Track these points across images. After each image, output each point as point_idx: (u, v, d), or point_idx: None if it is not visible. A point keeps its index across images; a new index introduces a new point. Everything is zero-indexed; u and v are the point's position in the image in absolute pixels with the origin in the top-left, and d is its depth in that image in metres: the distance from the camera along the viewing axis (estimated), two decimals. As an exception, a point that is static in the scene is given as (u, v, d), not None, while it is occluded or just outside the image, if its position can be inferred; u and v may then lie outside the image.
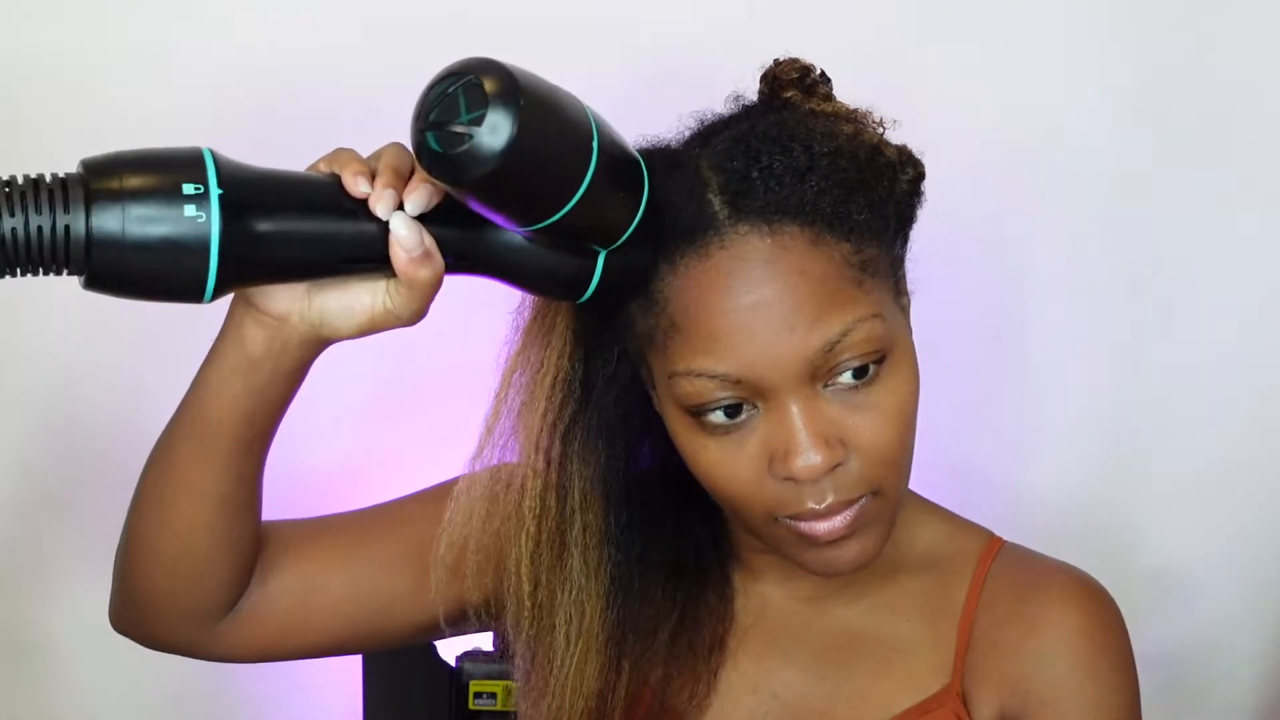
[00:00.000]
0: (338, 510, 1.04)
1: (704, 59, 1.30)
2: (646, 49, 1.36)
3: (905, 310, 0.93)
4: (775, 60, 0.95)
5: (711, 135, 0.91)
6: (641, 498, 0.97)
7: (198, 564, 0.92)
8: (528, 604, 0.95)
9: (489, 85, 0.75)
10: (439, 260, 0.81)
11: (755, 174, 0.87)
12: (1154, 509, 1.47)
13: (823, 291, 0.86)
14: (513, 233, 0.83)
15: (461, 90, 0.75)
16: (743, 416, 0.87)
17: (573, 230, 0.82)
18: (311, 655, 1.02)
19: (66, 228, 0.73)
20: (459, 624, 1.01)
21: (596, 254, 0.85)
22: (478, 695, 1.33)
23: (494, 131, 0.74)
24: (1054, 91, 1.41)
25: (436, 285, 0.82)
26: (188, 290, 0.76)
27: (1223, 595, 1.47)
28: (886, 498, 0.90)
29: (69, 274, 0.75)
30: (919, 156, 0.94)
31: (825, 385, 0.87)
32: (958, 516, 1.02)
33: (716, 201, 0.87)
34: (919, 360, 0.92)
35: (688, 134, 0.93)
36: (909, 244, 0.95)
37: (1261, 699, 1.48)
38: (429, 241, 0.80)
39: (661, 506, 0.98)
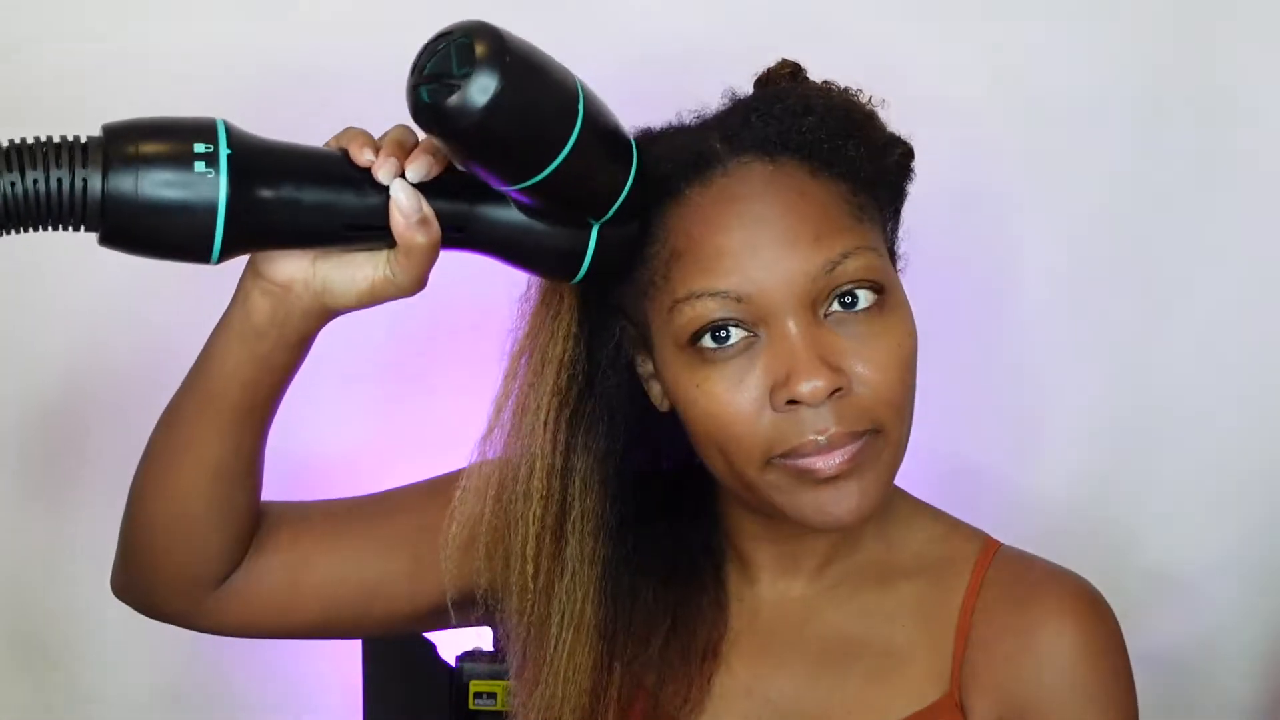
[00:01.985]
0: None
1: (698, 54, 1.31)
2: (639, 46, 1.36)
3: (898, 274, 0.95)
4: (768, 68, 0.98)
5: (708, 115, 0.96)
6: (636, 496, 0.97)
7: (193, 529, 0.95)
8: (530, 587, 0.95)
9: (479, 45, 0.80)
10: (435, 228, 0.85)
11: (753, 117, 0.92)
12: (1154, 509, 1.47)
13: (823, 215, 0.89)
14: (508, 210, 0.87)
15: (454, 48, 0.81)
16: (743, 346, 0.88)
17: (561, 193, 0.86)
18: (301, 634, 1.04)
19: (84, 182, 0.78)
20: (463, 611, 1.01)
21: (589, 228, 0.88)
22: (478, 695, 1.33)
23: (480, 86, 0.79)
24: (1054, 90, 1.41)
25: (433, 253, 0.85)
26: (196, 249, 0.81)
27: (1222, 595, 1.47)
28: (888, 439, 0.90)
29: (86, 229, 0.79)
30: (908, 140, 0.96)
31: (825, 314, 0.88)
32: (953, 518, 1.02)
33: (716, 139, 0.91)
34: (919, 362, 0.93)
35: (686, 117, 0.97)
36: (900, 224, 0.97)
37: (1261, 699, 1.48)
38: (427, 209, 0.84)
39: (655, 511, 0.99)
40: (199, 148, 0.79)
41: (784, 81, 0.97)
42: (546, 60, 0.83)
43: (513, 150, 0.83)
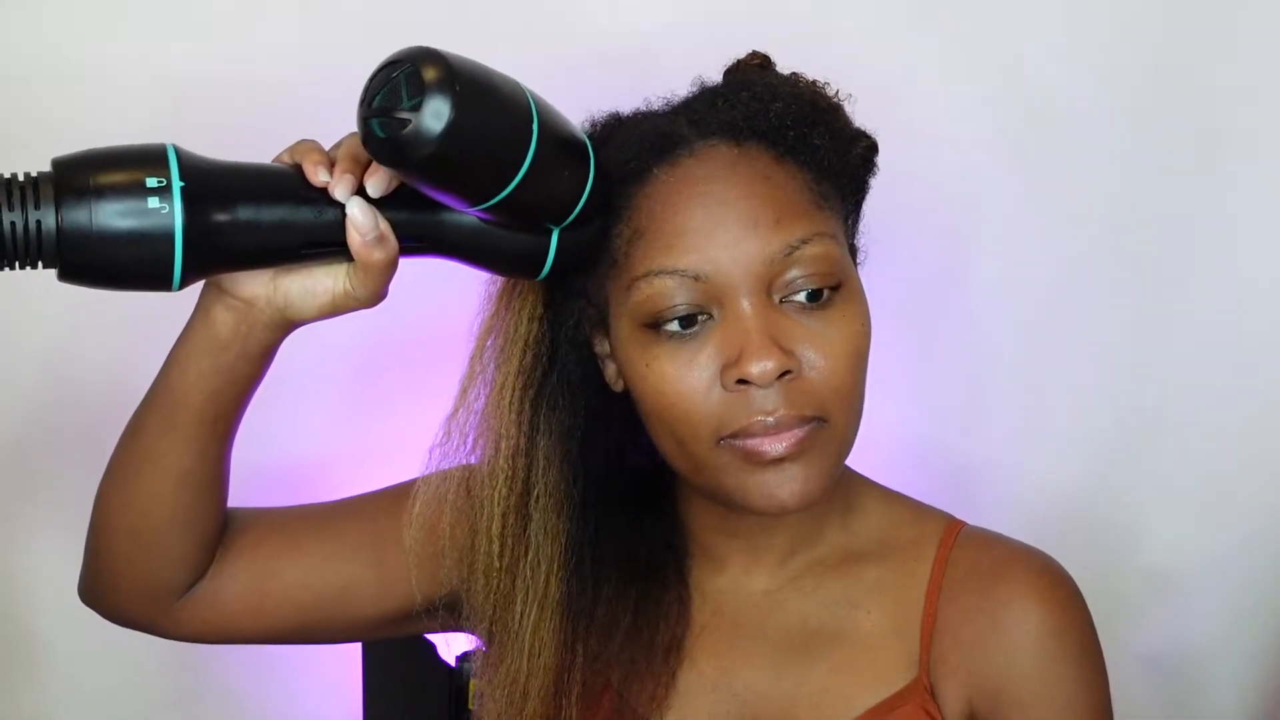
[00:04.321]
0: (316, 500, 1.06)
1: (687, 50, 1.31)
2: (611, 38, 1.37)
3: (856, 268, 0.96)
4: (737, 59, 0.99)
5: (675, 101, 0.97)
6: (599, 479, 0.98)
7: (156, 536, 0.95)
8: (495, 565, 0.96)
9: (428, 73, 0.79)
10: (392, 243, 0.85)
11: (720, 101, 0.93)
12: (1153, 509, 1.47)
13: (785, 200, 0.90)
14: (468, 217, 0.87)
15: (403, 78, 0.80)
16: (697, 327, 0.89)
17: (521, 208, 0.86)
18: (272, 640, 1.05)
19: (38, 223, 0.77)
20: (430, 616, 1.02)
21: (550, 231, 0.89)
22: (478, 695, 1.33)
23: (434, 115, 0.79)
24: (1054, 90, 1.41)
25: (391, 267, 0.86)
26: (156, 279, 0.81)
27: (1222, 595, 1.47)
28: (834, 430, 0.90)
29: (43, 267, 0.79)
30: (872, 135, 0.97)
31: (781, 300, 0.89)
32: (916, 502, 1.02)
33: (683, 123, 0.92)
34: (919, 362, 0.93)
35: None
36: (861, 219, 0.98)
37: (1260, 699, 1.48)
38: (383, 225, 0.85)
39: (618, 501, 1.00)
40: (151, 181, 0.79)
41: (753, 72, 0.98)
42: (496, 79, 0.83)
43: (470, 175, 0.83)
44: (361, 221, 0.84)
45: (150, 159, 0.80)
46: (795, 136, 0.92)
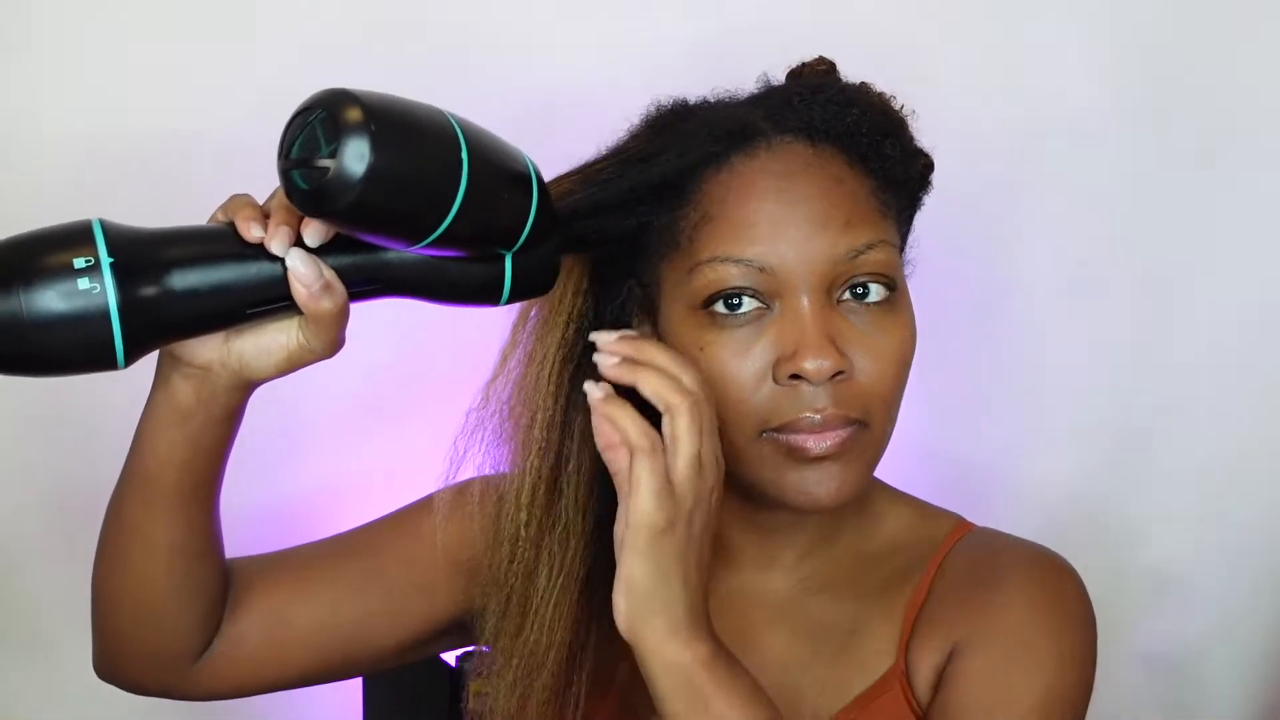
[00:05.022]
0: (326, 532, 1.05)
1: (704, 59, 1.30)
2: (653, 49, 1.37)
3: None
4: (802, 62, 0.99)
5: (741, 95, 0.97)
6: None
7: (160, 611, 0.94)
8: (522, 535, 0.95)
9: (342, 115, 0.75)
10: (340, 290, 0.82)
11: (797, 100, 0.93)
12: (1154, 509, 1.47)
13: (854, 204, 0.91)
14: (414, 254, 0.83)
15: (318, 123, 0.76)
16: (754, 317, 0.90)
17: (465, 240, 0.82)
18: (295, 685, 1.03)
19: None
20: (452, 634, 1.03)
21: (503, 258, 0.86)
22: (478, 695, 1.33)
23: (354, 159, 0.75)
24: (1055, 90, 1.41)
25: (342, 315, 0.83)
26: (100, 360, 0.77)
27: (1222, 595, 1.47)
28: (872, 434, 0.91)
29: None
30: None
31: (838, 300, 0.90)
32: (928, 504, 1.03)
33: (759, 116, 0.93)
34: (920, 362, 0.93)
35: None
36: (911, 231, 0.98)
37: (1261, 699, 1.48)
38: (328, 274, 0.81)
39: None
40: (79, 261, 0.75)
41: (818, 77, 0.98)
42: (418, 112, 0.79)
43: (403, 215, 0.79)
44: (304, 273, 0.80)
45: (75, 237, 0.76)
46: (868, 144, 0.93)
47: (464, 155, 0.79)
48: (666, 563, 0.86)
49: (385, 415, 1.43)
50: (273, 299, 0.81)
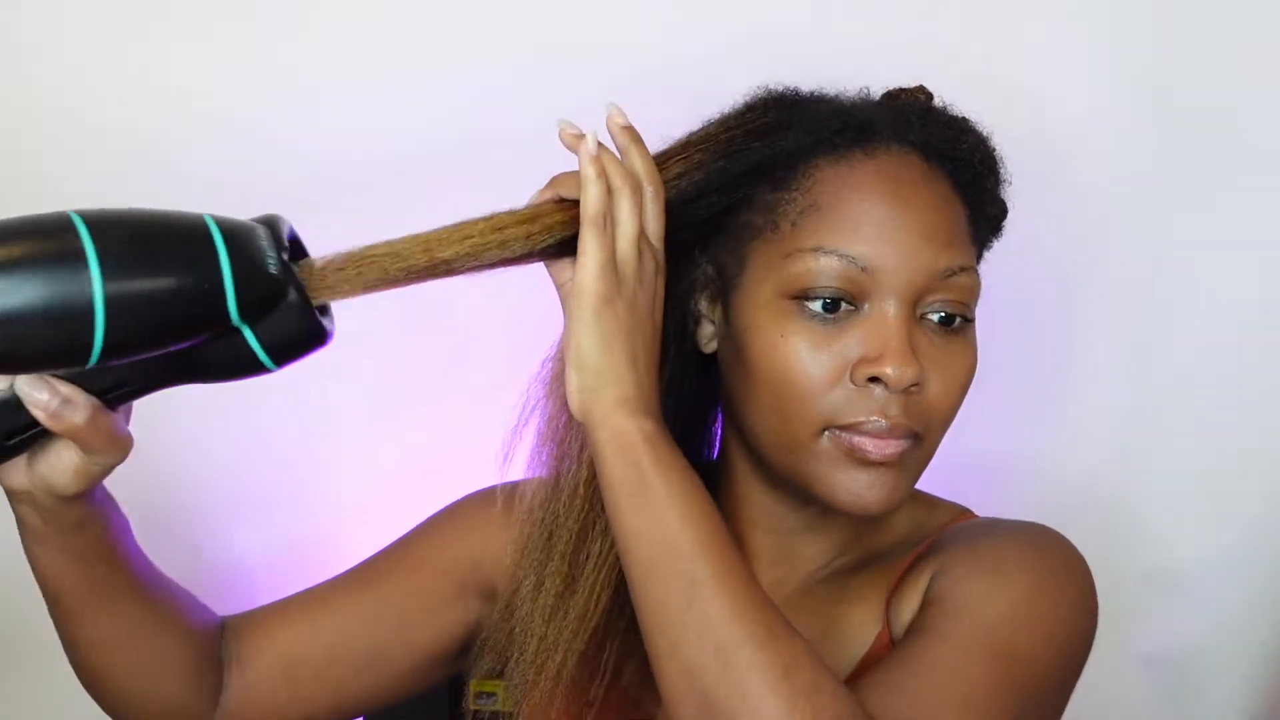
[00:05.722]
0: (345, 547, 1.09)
1: (700, 65, 1.31)
2: (648, 54, 1.37)
3: None
4: (900, 87, 1.00)
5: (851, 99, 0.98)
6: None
7: (142, 692, 0.96)
8: (576, 510, 0.93)
9: None
10: (83, 402, 0.79)
11: (914, 117, 0.94)
12: (1154, 508, 1.47)
13: (956, 227, 0.92)
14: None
15: None
16: (840, 314, 0.90)
17: (150, 341, 0.75)
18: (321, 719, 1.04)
19: None
20: (471, 650, 1.04)
21: (236, 330, 0.79)
22: (478, 695, 1.33)
23: None
24: (1054, 90, 1.41)
25: (99, 422, 0.80)
26: None
27: (1223, 595, 1.47)
28: (924, 449, 0.92)
29: None
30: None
31: (921, 315, 0.91)
32: (935, 497, 1.03)
33: (879, 116, 0.94)
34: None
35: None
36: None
37: (1261, 699, 1.48)
38: (65, 390, 0.79)
39: None
40: None
41: (919, 103, 0.99)
42: (27, 231, 0.71)
43: (44, 353, 0.73)
44: (35, 398, 0.78)
45: None
46: (974, 176, 0.95)
47: (94, 269, 0.71)
48: (611, 335, 0.85)
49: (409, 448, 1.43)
50: (23, 427, 0.79)
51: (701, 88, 0.98)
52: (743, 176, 0.92)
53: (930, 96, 1.00)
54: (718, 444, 1.04)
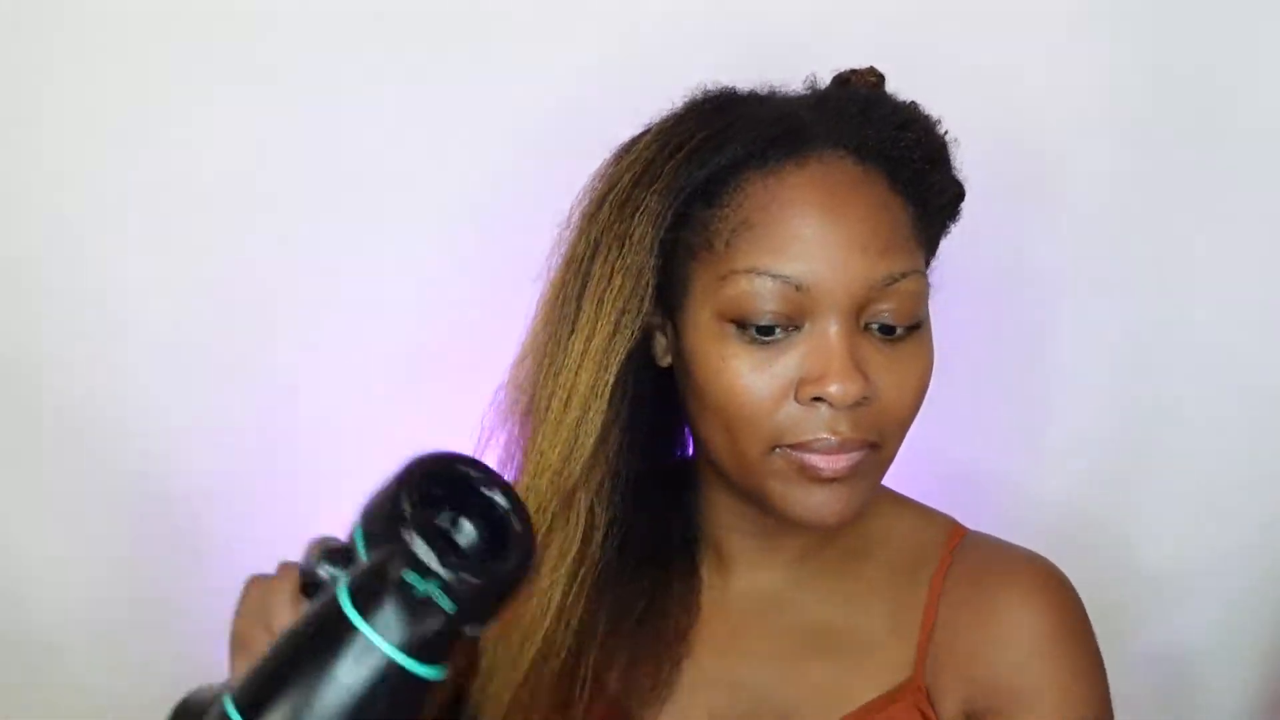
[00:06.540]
0: None
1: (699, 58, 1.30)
2: (635, 39, 1.37)
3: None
4: (851, 69, 0.97)
5: (790, 93, 0.95)
6: (642, 468, 0.98)
7: None
8: (549, 503, 0.93)
9: None
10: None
11: (852, 113, 0.91)
12: (1154, 510, 1.47)
13: (895, 231, 0.89)
14: None
15: None
16: (780, 334, 0.88)
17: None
18: None
19: None
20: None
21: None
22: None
23: None
24: (1054, 90, 1.41)
25: None
26: None
27: (1222, 595, 1.47)
28: (882, 457, 0.91)
29: None
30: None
31: (864, 325, 0.89)
32: (923, 506, 1.03)
33: (812, 119, 0.90)
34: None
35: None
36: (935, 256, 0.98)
37: (1261, 700, 1.48)
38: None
39: (652, 489, 1.00)
40: None
41: (867, 88, 0.96)
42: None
43: None
44: None
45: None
46: (915, 172, 0.92)
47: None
48: None
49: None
50: None
51: (695, 83, 0.98)
52: (675, 196, 0.90)
53: (881, 80, 0.98)
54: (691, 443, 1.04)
